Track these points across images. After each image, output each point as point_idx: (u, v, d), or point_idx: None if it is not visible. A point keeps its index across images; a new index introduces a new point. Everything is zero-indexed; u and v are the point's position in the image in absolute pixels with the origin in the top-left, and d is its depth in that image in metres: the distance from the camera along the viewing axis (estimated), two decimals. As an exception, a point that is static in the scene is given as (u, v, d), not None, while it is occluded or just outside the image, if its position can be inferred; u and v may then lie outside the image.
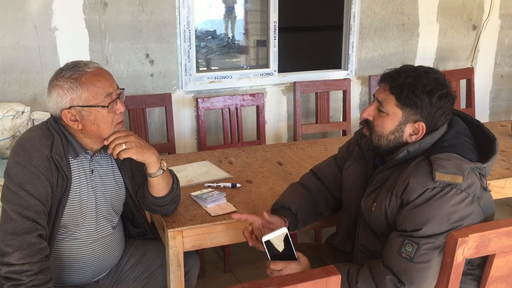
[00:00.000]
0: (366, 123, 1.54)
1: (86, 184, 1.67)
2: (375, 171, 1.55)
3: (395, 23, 3.73)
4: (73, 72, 1.55)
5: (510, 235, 1.31)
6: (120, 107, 1.61)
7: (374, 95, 1.55)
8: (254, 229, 1.65)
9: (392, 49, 3.78)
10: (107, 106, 1.57)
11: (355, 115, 3.72)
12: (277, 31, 3.39)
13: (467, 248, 1.29)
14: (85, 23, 2.90)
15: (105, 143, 1.61)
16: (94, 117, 1.56)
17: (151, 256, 1.86)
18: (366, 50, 3.70)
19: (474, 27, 4.01)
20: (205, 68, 3.64)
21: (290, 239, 1.47)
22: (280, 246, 1.48)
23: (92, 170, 1.68)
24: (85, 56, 2.92)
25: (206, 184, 2.03)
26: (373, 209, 1.48)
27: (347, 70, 3.67)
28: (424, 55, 3.90)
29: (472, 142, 1.47)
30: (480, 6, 3.97)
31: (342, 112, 3.56)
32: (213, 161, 2.32)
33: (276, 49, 3.42)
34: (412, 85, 1.41)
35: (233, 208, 1.82)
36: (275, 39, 3.41)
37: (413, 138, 1.46)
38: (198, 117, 3.02)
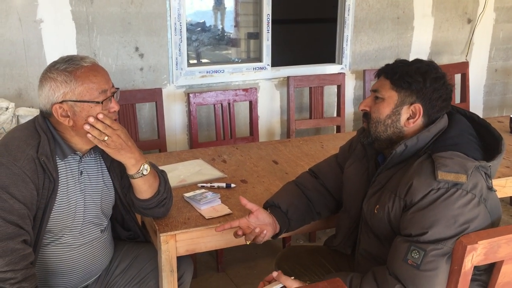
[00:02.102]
0: (364, 116, 1.50)
1: (74, 186, 1.58)
2: (376, 171, 1.49)
3: (390, 16, 3.66)
4: (68, 65, 1.47)
5: (520, 241, 1.25)
6: (114, 106, 1.54)
7: (370, 89, 1.51)
8: (244, 229, 1.57)
9: (387, 43, 3.72)
10: (101, 103, 1.49)
11: (349, 110, 3.67)
12: (270, 24, 3.31)
13: (476, 255, 1.23)
14: (72, 15, 2.79)
15: (90, 120, 1.47)
16: (86, 113, 1.48)
17: (143, 260, 1.78)
18: (360, 44, 3.63)
19: (469, 21, 3.96)
20: (195, 61, 3.54)
21: None
22: None
23: (81, 172, 1.60)
24: (72, 50, 2.81)
25: (200, 185, 1.96)
26: (375, 211, 1.42)
27: (341, 64, 3.60)
28: (419, 49, 3.84)
29: (477, 141, 1.42)
30: (475, -1, 3.92)
31: (336, 107, 3.50)
32: (206, 160, 2.25)
33: (270, 42, 3.34)
34: (405, 67, 1.42)
35: (228, 210, 1.75)
36: (268, 32, 3.32)
37: (411, 122, 1.42)
38: (189, 112, 2.94)
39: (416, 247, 1.26)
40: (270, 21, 3.31)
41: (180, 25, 3.04)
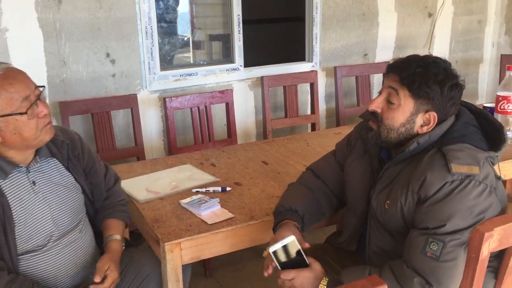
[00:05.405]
0: (372, 115, 1.47)
1: (31, 200, 1.50)
2: (383, 167, 1.50)
3: (355, 13, 3.72)
4: None
5: (531, 225, 1.29)
6: (43, 109, 1.44)
7: (381, 90, 1.46)
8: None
9: (354, 39, 3.77)
10: (26, 112, 1.39)
11: (322, 107, 3.70)
12: (241, 24, 3.29)
13: (492, 241, 1.26)
14: (38, 22, 2.67)
15: None
16: (13, 127, 1.39)
17: (138, 264, 1.72)
18: (329, 41, 3.66)
19: (430, 15, 4.08)
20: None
21: (299, 246, 1.40)
22: (289, 255, 1.40)
23: (34, 182, 1.52)
24: (40, 58, 2.70)
25: (194, 190, 1.91)
26: (386, 207, 1.42)
27: (312, 62, 3.62)
28: (384, 44, 3.92)
29: (480, 131, 1.45)
30: (434, -6, 4.04)
31: (310, 104, 3.52)
32: (194, 164, 2.20)
33: (241, 43, 3.32)
34: (423, 75, 1.36)
35: (229, 214, 1.72)
36: (239, 33, 3.30)
37: (424, 129, 1.42)
38: (166, 117, 2.87)
39: (435, 239, 1.28)
40: (241, 22, 3.29)
41: (151, 29, 2.97)
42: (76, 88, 2.83)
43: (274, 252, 1.39)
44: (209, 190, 1.91)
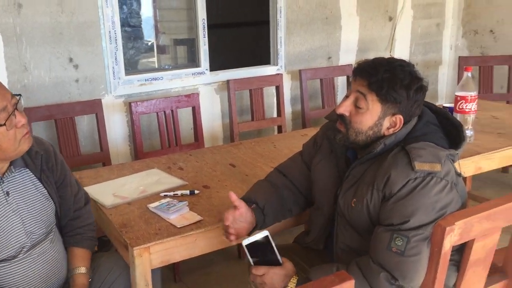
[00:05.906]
0: (340, 118, 1.50)
1: (4, 210, 1.48)
2: (349, 167, 1.53)
3: (319, 17, 3.78)
4: None
5: (490, 218, 1.35)
6: (20, 119, 1.43)
7: (347, 92, 1.50)
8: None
9: (318, 43, 3.83)
10: (5, 124, 1.38)
11: (287, 110, 3.74)
12: (206, 28, 3.30)
13: (453, 235, 1.30)
14: (-2, 27, 2.62)
15: None
16: None
17: (105, 269, 1.72)
18: (293, 45, 3.71)
19: (390, 18, 4.19)
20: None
21: (273, 242, 1.42)
22: (262, 250, 1.42)
23: (7, 193, 1.49)
24: (0, 63, 2.63)
25: (162, 194, 1.91)
26: (353, 205, 1.46)
27: (277, 65, 3.66)
28: (347, 47, 4.00)
29: (440, 130, 1.50)
30: (394, -2, 4.15)
31: (276, 107, 3.55)
32: (161, 168, 2.19)
33: (207, 47, 3.33)
34: (391, 81, 1.40)
35: (198, 217, 1.72)
36: (204, 37, 3.31)
37: (391, 131, 1.46)
38: (132, 122, 2.85)
39: (399, 234, 1.32)
40: (206, 26, 3.29)
41: (115, 33, 2.94)
42: (38, 94, 2.78)
43: (247, 246, 1.40)
44: (177, 194, 1.90)
